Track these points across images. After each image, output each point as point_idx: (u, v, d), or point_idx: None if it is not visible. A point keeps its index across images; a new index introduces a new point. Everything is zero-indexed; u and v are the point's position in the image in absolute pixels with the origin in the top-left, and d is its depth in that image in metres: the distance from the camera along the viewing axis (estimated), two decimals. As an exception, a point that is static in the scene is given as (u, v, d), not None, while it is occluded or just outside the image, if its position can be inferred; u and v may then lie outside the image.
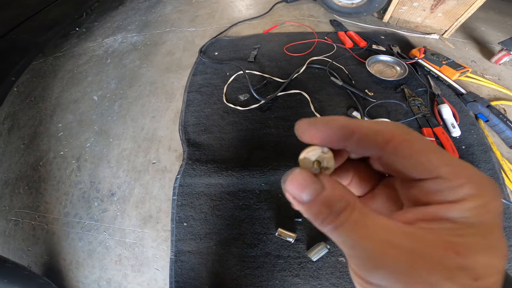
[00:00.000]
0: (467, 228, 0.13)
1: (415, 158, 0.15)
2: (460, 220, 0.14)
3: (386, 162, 0.17)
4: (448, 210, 0.14)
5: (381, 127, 0.16)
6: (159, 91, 1.29)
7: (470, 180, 0.14)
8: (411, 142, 0.16)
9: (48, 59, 1.60)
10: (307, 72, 1.23)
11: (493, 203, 0.14)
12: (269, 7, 1.73)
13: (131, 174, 1.02)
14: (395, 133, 0.16)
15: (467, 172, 0.14)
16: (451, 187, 0.14)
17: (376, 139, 0.16)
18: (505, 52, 1.19)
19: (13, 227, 0.98)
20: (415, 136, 0.16)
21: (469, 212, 0.13)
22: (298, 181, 0.16)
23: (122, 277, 0.83)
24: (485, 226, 0.14)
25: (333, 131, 0.17)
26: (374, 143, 0.16)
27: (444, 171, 0.14)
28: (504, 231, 0.77)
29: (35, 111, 1.31)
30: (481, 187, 0.14)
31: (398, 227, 0.14)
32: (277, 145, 0.99)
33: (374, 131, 0.16)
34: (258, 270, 0.77)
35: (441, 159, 0.15)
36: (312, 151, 0.18)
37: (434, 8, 1.31)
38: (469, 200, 0.14)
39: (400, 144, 0.16)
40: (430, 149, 0.15)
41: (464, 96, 1.06)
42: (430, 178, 0.15)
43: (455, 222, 0.14)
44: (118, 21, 1.84)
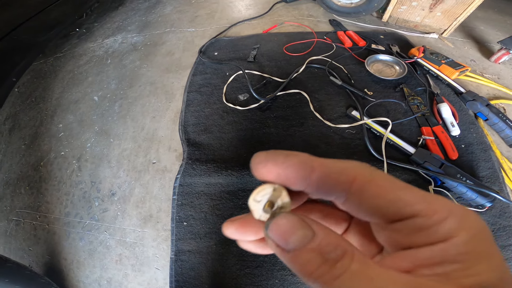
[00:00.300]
0: (474, 264, 0.12)
1: (383, 197, 0.14)
2: (462, 258, 0.12)
3: (351, 206, 0.16)
4: (442, 250, 0.13)
5: (344, 166, 0.15)
6: (159, 91, 1.29)
7: (450, 213, 0.13)
8: (377, 181, 0.15)
9: (49, 60, 1.61)
10: (307, 72, 1.23)
11: (484, 231, 0.13)
12: (269, 7, 1.73)
13: (131, 174, 1.02)
14: (358, 173, 0.15)
15: (446, 205, 0.14)
16: (433, 224, 0.13)
17: (339, 178, 0.15)
18: (504, 51, 1.19)
19: (14, 227, 0.99)
20: (380, 175, 0.15)
21: (465, 247, 0.13)
22: (284, 226, 0.14)
23: (123, 277, 0.84)
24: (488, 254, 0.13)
25: (291, 167, 0.15)
26: (336, 183, 0.15)
27: (420, 208, 0.14)
28: (504, 230, 0.77)
29: (36, 112, 1.32)
30: (465, 217, 0.13)
31: (407, 280, 0.12)
32: (277, 145, 1.00)
33: (337, 170, 0.15)
34: (257, 269, 0.77)
35: (414, 195, 0.14)
36: (262, 191, 0.16)
37: (433, 8, 1.31)
38: (459, 234, 0.13)
39: (365, 184, 0.15)
40: (399, 187, 0.14)
41: (463, 95, 1.06)
42: (406, 218, 0.14)
43: (458, 262, 0.12)
44: (118, 22, 1.85)
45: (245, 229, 0.18)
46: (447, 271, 0.12)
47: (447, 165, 0.82)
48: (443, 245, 0.13)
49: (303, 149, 0.97)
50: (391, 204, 0.14)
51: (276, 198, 0.16)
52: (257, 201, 0.16)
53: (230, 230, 0.18)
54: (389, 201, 0.14)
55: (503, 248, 0.75)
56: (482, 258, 0.12)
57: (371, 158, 0.91)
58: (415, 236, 0.14)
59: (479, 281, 0.12)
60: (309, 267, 0.13)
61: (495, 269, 0.13)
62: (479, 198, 0.77)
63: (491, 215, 0.79)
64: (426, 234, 0.13)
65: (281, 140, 1.01)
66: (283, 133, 1.03)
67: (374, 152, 0.91)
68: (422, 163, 0.85)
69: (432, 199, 0.14)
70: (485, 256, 0.13)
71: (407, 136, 0.96)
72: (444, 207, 0.13)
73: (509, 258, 0.74)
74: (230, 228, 0.18)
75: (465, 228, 0.13)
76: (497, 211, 0.79)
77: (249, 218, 0.18)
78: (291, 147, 0.98)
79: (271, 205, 0.16)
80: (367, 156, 0.92)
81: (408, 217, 0.14)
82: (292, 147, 0.98)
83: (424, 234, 0.13)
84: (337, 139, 0.99)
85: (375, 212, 0.15)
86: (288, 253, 0.14)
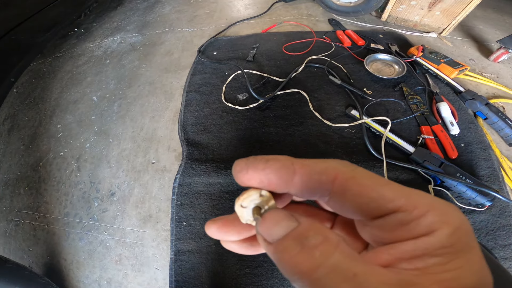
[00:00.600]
0: (453, 259, 0.12)
1: (365, 195, 0.14)
2: (442, 252, 0.12)
3: (335, 205, 0.16)
4: (424, 243, 0.13)
5: (324, 165, 0.15)
6: (158, 91, 1.29)
7: (430, 207, 0.13)
8: (358, 178, 0.15)
9: (47, 60, 1.61)
10: (306, 71, 1.23)
11: (465, 224, 0.13)
12: (268, 7, 1.73)
13: (130, 174, 1.02)
14: (339, 171, 0.15)
15: (425, 200, 0.14)
16: (414, 219, 0.13)
17: (321, 179, 0.15)
18: (503, 50, 1.19)
19: (13, 227, 0.98)
20: (361, 172, 0.15)
21: (447, 240, 0.13)
22: (271, 220, 0.14)
23: (123, 277, 0.83)
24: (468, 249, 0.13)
25: (272, 172, 0.15)
26: (318, 184, 0.15)
27: (401, 204, 0.14)
28: (504, 229, 0.77)
29: (35, 112, 1.31)
30: (446, 212, 0.13)
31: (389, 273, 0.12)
32: (276, 144, 1.00)
33: (318, 170, 0.15)
34: (257, 269, 0.77)
35: (394, 191, 0.14)
36: (248, 198, 0.16)
37: (432, 7, 1.31)
38: (440, 228, 0.13)
39: (346, 182, 0.15)
40: (380, 183, 0.14)
41: (462, 94, 1.06)
42: (388, 214, 0.14)
43: (438, 255, 0.12)
44: (117, 22, 1.84)
45: (228, 228, 0.18)
46: (427, 265, 0.12)
47: (446, 164, 0.82)
48: (424, 239, 0.13)
49: (302, 148, 0.97)
50: (372, 201, 0.14)
51: (263, 204, 0.16)
52: (244, 207, 0.16)
53: (211, 230, 0.18)
54: (370, 198, 0.14)
55: (503, 247, 0.75)
56: (462, 252, 0.13)
57: (370, 157, 0.91)
58: (397, 231, 0.14)
59: (457, 275, 0.12)
60: (286, 255, 0.12)
61: (475, 264, 0.13)
62: (478, 197, 0.77)
63: (490, 214, 0.79)
64: (407, 228, 0.13)
65: (281, 140, 1.01)
66: (282, 133, 1.02)
67: (373, 151, 0.91)
68: (421, 162, 0.85)
69: (412, 193, 0.14)
70: (465, 251, 0.13)
71: (406, 135, 0.96)
72: (424, 202, 0.14)
73: (510, 257, 0.74)
74: (211, 227, 0.18)
75: (446, 222, 0.13)
76: (496, 210, 0.79)
77: (232, 218, 0.18)
78: (291, 146, 0.98)
79: (258, 211, 0.16)
80: (366, 155, 0.92)
81: (389, 212, 0.14)
82: (292, 147, 0.98)
83: (405, 229, 0.13)
84: (337, 139, 0.99)
85: (357, 209, 0.15)
86: (271, 244, 0.14)
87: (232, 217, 0.18)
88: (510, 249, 0.74)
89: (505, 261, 0.73)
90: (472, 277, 0.12)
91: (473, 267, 0.12)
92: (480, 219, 0.79)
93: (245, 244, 0.19)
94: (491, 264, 0.43)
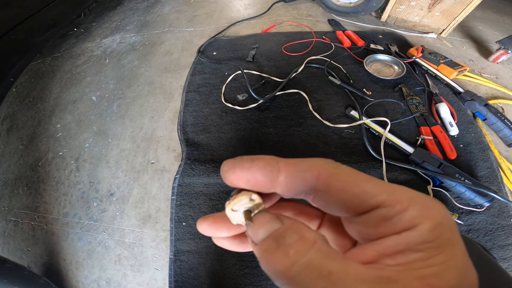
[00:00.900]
0: (435, 254, 0.12)
1: (348, 191, 0.14)
2: (424, 247, 0.12)
3: (320, 202, 0.16)
4: (406, 238, 0.13)
5: (308, 163, 0.16)
6: (157, 91, 1.29)
7: (412, 202, 0.13)
8: (340, 175, 0.15)
9: (47, 60, 1.60)
10: (305, 72, 1.23)
11: (447, 219, 0.13)
12: (268, 7, 1.73)
13: (130, 174, 1.02)
14: (322, 168, 0.15)
15: (408, 194, 0.14)
16: (396, 213, 0.13)
17: (305, 176, 0.15)
18: (502, 51, 1.20)
19: (12, 227, 0.98)
20: (343, 169, 0.15)
21: (429, 235, 0.12)
22: (258, 223, 0.15)
23: (122, 277, 0.83)
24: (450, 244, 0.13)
25: (258, 171, 0.16)
26: (303, 181, 0.15)
27: (383, 199, 0.14)
28: (503, 230, 0.77)
29: (34, 112, 1.31)
30: (427, 206, 0.13)
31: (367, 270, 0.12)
32: (276, 145, 1.00)
33: (302, 168, 0.15)
34: (257, 269, 0.77)
35: (376, 187, 0.14)
36: (239, 202, 0.17)
37: (432, 7, 1.31)
38: (422, 222, 0.13)
39: (329, 179, 0.15)
40: (362, 179, 0.14)
41: (462, 95, 1.06)
42: (371, 210, 0.14)
43: (420, 250, 0.12)
44: (117, 22, 1.84)
45: (218, 225, 0.18)
46: (409, 260, 0.12)
47: (445, 165, 0.83)
48: (406, 234, 0.13)
49: (302, 149, 0.97)
50: (355, 197, 0.14)
51: (253, 208, 0.17)
52: (234, 211, 0.17)
53: (202, 227, 0.18)
54: (353, 194, 0.14)
55: (502, 248, 0.75)
56: (444, 247, 0.12)
57: (370, 158, 0.92)
58: (381, 226, 0.14)
59: (440, 271, 0.12)
60: (266, 255, 0.13)
61: (458, 259, 0.12)
62: (477, 198, 0.77)
63: (489, 214, 0.79)
64: (390, 224, 0.13)
65: (280, 140, 1.01)
66: (282, 133, 1.03)
67: (373, 152, 0.91)
68: (420, 163, 0.85)
69: (395, 189, 0.14)
70: (448, 246, 0.13)
71: (405, 136, 0.96)
72: (406, 196, 0.14)
73: (508, 257, 0.74)
74: (202, 224, 0.18)
75: (428, 217, 0.13)
76: (495, 211, 0.79)
77: (222, 215, 0.18)
78: (290, 147, 0.98)
79: (248, 215, 0.16)
80: (366, 156, 0.93)
81: (372, 208, 0.14)
82: (291, 147, 0.98)
83: (388, 224, 0.13)
84: (336, 139, 0.99)
85: (341, 206, 0.15)
86: (256, 245, 0.14)
87: (222, 214, 0.18)
88: (509, 250, 0.75)
89: (504, 261, 0.73)
90: (455, 273, 0.12)
91: (456, 262, 0.12)
92: (479, 220, 0.79)
93: (236, 241, 0.19)
94: (490, 265, 0.43)
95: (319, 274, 0.11)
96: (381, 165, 0.88)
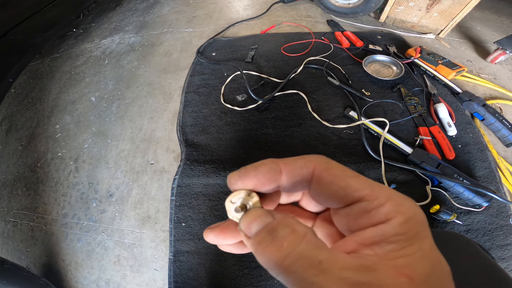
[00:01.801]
0: (406, 245, 0.14)
1: (336, 184, 0.16)
2: (396, 239, 0.14)
3: (314, 194, 0.18)
4: (381, 230, 0.14)
5: (304, 160, 0.17)
6: (157, 92, 1.29)
7: (389, 198, 0.15)
8: (331, 169, 0.17)
9: (46, 60, 1.60)
10: (304, 72, 1.24)
11: (418, 215, 0.15)
12: (267, 8, 1.73)
13: (129, 175, 1.02)
14: (316, 164, 0.17)
15: (385, 192, 0.15)
16: (374, 207, 0.15)
17: (302, 172, 0.17)
18: (500, 51, 1.20)
19: (11, 228, 0.98)
20: (334, 164, 0.17)
21: (400, 228, 0.14)
22: (250, 217, 0.16)
23: (121, 278, 0.83)
24: (420, 237, 0.14)
25: (263, 176, 0.17)
26: (300, 176, 0.17)
27: (365, 193, 0.15)
28: (502, 230, 0.77)
29: (33, 113, 1.31)
30: (401, 203, 0.15)
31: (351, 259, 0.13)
32: (275, 145, 1.00)
33: (299, 165, 0.17)
34: (256, 269, 0.77)
35: (360, 182, 0.16)
36: (238, 195, 0.18)
37: (430, 8, 1.32)
38: (395, 216, 0.14)
39: (322, 173, 0.17)
40: (348, 175, 0.16)
41: (460, 95, 1.07)
42: (354, 203, 0.16)
43: (393, 242, 0.14)
44: (116, 22, 1.84)
45: (225, 235, 0.20)
46: (384, 251, 0.14)
47: (444, 165, 0.83)
48: (381, 226, 0.14)
49: (301, 149, 0.98)
50: (341, 189, 0.16)
51: (247, 201, 0.18)
52: (233, 203, 0.19)
53: (210, 237, 0.20)
54: (340, 187, 0.16)
55: (501, 248, 0.75)
56: (414, 240, 0.14)
57: (368, 158, 0.92)
58: (361, 218, 0.15)
59: (410, 261, 0.13)
60: (260, 247, 0.14)
61: (426, 251, 0.14)
62: (476, 198, 0.77)
63: (488, 214, 0.79)
64: (369, 216, 0.15)
65: (279, 141, 1.01)
66: (281, 134, 1.03)
67: (371, 152, 0.91)
68: (419, 163, 0.86)
69: (376, 186, 0.16)
70: (417, 239, 0.14)
71: (404, 136, 0.97)
72: (384, 193, 0.15)
73: (507, 257, 0.74)
74: (209, 235, 0.20)
75: (400, 212, 0.14)
76: (494, 211, 0.80)
77: (227, 224, 0.20)
78: (289, 147, 0.99)
79: (243, 207, 0.18)
80: (364, 156, 0.93)
81: (355, 201, 0.16)
82: (290, 148, 0.98)
83: (367, 217, 0.15)
84: (335, 140, 0.99)
85: (330, 196, 0.17)
86: (250, 238, 0.15)
87: (227, 223, 0.20)
88: (508, 249, 0.75)
89: (503, 261, 0.74)
90: (424, 263, 0.13)
91: (425, 254, 0.14)
92: (478, 220, 0.79)
93: (240, 245, 0.20)
94: (489, 264, 0.43)
95: (311, 263, 0.13)
96: (380, 166, 0.89)
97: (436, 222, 0.79)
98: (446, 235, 0.49)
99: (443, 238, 0.47)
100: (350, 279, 0.12)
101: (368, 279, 0.12)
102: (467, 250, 0.44)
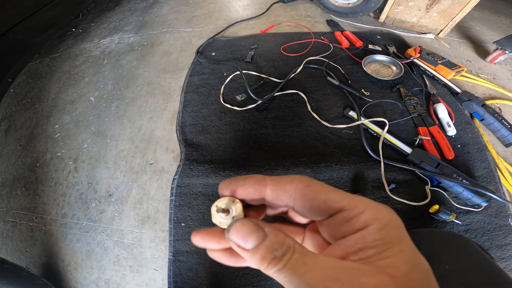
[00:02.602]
0: (386, 249, 0.15)
1: (317, 198, 0.18)
2: (376, 243, 0.16)
3: (298, 208, 0.20)
4: (362, 237, 0.16)
5: (288, 178, 0.20)
6: (156, 91, 1.29)
7: (367, 206, 0.17)
8: (312, 186, 0.19)
9: (45, 60, 1.60)
10: (304, 72, 1.23)
11: (394, 220, 0.17)
12: (266, 8, 1.73)
13: (128, 175, 1.02)
14: (299, 181, 0.19)
15: (363, 201, 0.17)
16: (354, 216, 0.17)
17: (286, 187, 0.19)
18: (500, 51, 1.20)
19: (11, 228, 0.98)
20: (315, 182, 0.19)
21: (378, 234, 0.16)
22: (243, 231, 0.18)
23: (121, 278, 0.83)
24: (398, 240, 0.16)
25: (250, 186, 0.20)
26: (284, 191, 0.19)
27: (344, 204, 0.17)
28: (501, 229, 0.77)
29: (32, 112, 1.31)
30: (378, 210, 0.17)
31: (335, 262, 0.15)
32: (275, 145, 1.00)
33: (284, 181, 0.20)
34: (256, 269, 0.77)
35: (339, 195, 0.18)
36: (223, 200, 0.20)
37: (430, 8, 1.32)
38: (373, 223, 0.16)
39: (304, 189, 0.19)
40: (328, 189, 0.19)
41: (459, 95, 1.07)
42: (335, 213, 0.18)
43: (374, 247, 0.16)
44: (115, 22, 1.84)
45: (209, 237, 0.21)
46: (368, 255, 0.15)
47: (443, 165, 0.83)
48: (361, 233, 0.16)
49: (300, 149, 0.98)
50: (323, 203, 0.18)
51: (231, 206, 0.20)
52: (218, 208, 0.20)
53: (196, 239, 0.22)
54: (321, 201, 0.18)
55: (500, 248, 0.75)
56: (393, 243, 0.16)
57: (368, 158, 0.92)
58: (343, 227, 0.17)
59: (391, 262, 0.15)
60: (264, 262, 0.16)
61: (405, 252, 0.16)
62: (475, 198, 0.77)
63: (487, 214, 0.80)
64: (350, 224, 0.17)
65: (279, 141, 1.01)
66: (280, 134, 1.03)
67: (371, 152, 0.91)
68: (418, 163, 0.86)
69: (353, 197, 0.18)
70: (396, 242, 0.16)
71: (403, 136, 0.97)
72: (362, 202, 0.17)
73: (506, 257, 0.74)
74: (196, 237, 0.22)
75: (377, 218, 0.16)
76: (493, 211, 0.80)
77: (213, 230, 0.22)
78: (289, 147, 0.99)
79: (226, 211, 0.20)
80: (364, 156, 0.93)
81: (336, 212, 0.18)
82: (290, 148, 0.98)
83: (348, 225, 0.17)
84: (335, 140, 0.99)
85: (314, 210, 0.19)
86: (248, 251, 0.17)
87: (214, 229, 0.22)
88: (507, 249, 0.75)
89: (502, 261, 0.74)
90: (405, 263, 0.15)
91: (405, 254, 0.15)
92: (477, 220, 0.79)
93: (226, 254, 0.22)
94: (488, 264, 0.43)
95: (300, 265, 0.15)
96: (380, 165, 0.89)
97: (435, 222, 0.79)
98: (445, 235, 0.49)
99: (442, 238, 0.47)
100: (331, 276, 0.14)
101: (348, 276, 0.14)
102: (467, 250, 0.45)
